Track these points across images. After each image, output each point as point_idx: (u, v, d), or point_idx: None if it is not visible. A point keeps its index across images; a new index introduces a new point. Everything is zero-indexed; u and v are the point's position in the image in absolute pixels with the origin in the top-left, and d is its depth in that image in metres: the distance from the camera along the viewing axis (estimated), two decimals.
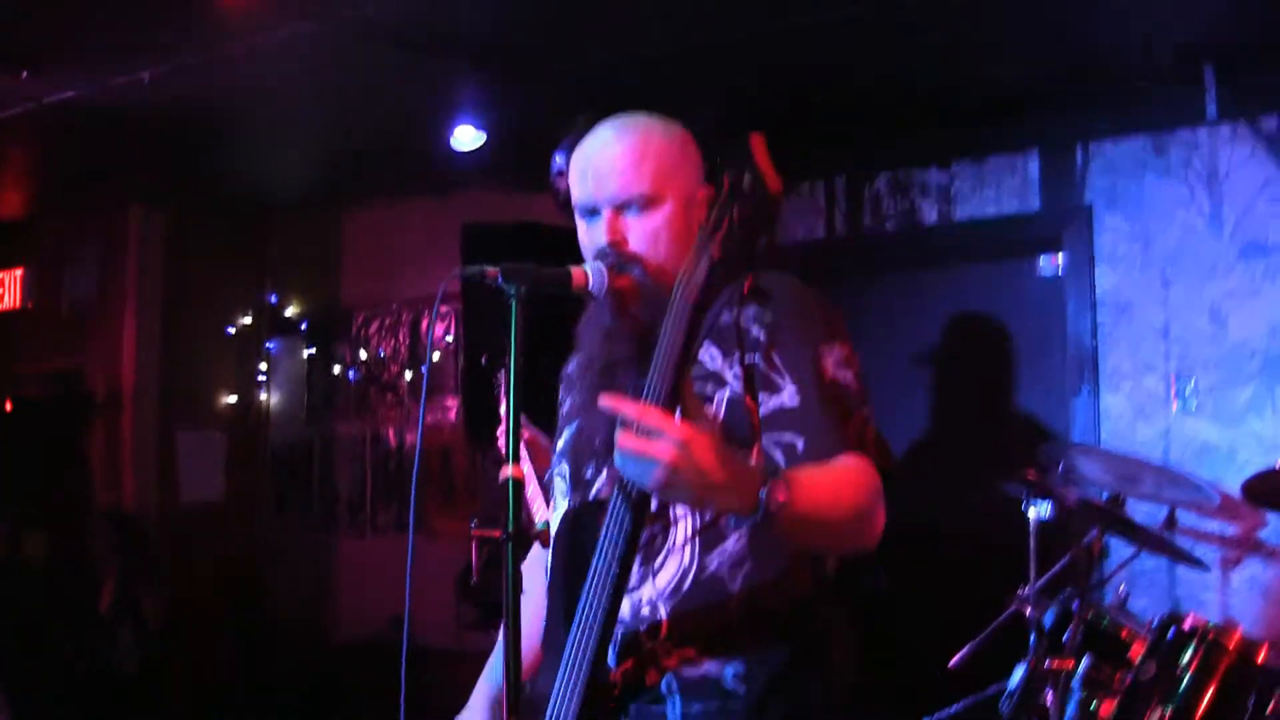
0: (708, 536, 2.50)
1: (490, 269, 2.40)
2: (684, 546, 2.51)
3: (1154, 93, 5.55)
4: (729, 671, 2.46)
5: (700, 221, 2.45)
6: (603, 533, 2.27)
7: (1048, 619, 4.33)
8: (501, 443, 5.21)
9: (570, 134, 5.51)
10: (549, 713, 2.41)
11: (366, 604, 7.63)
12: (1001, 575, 4.94)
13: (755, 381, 2.49)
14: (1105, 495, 4.36)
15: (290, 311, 8.56)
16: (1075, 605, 4.09)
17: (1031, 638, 4.40)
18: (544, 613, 2.65)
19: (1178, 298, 5.53)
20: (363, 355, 8.13)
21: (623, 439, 2.06)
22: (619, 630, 2.46)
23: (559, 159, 5.50)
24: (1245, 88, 5.38)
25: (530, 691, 2.67)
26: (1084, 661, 4.08)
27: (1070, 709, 4.05)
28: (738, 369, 2.51)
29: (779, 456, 2.41)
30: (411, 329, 7.92)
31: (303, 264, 8.55)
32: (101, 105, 5.97)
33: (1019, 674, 4.32)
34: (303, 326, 8.41)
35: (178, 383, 8.28)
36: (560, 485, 2.78)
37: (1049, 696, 3.94)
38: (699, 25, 5.09)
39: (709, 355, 2.54)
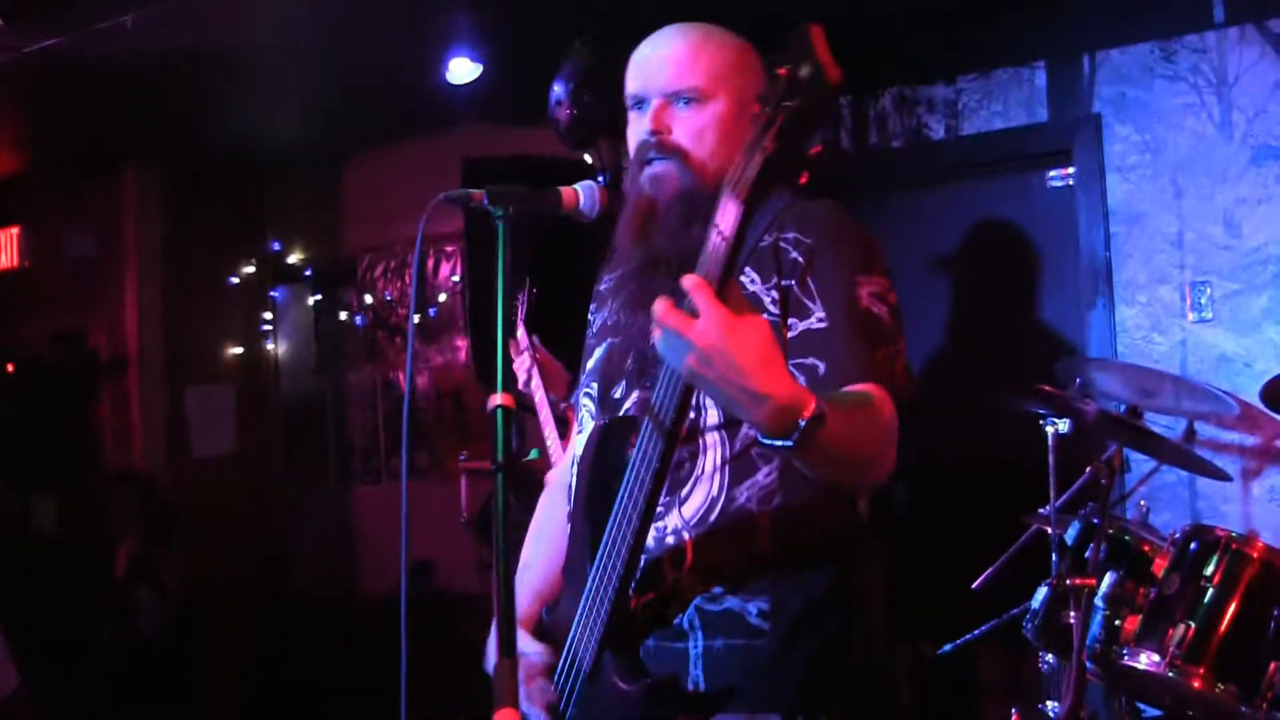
0: (738, 466, 2.44)
1: (476, 192, 2.34)
2: (713, 475, 2.45)
3: None
4: (753, 608, 2.41)
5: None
6: (635, 449, 2.18)
7: (1070, 537, 4.26)
8: (518, 370, 5.15)
9: (568, 62, 5.45)
10: (570, 640, 2.38)
11: (386, 552, 7.59)
12: (1023, 494, 4.89)
13: (790, 306, 2.42)
14: (1123, 408, 4.26)
15: (294, 259, 8.47)
16: (1096, 521, 3.99)
17: (1054, 556, 4.34)
18: (563, 539, 2.61)
19: (1190, 206, 5.42)
20: (369, 300, 8.05)
21: (664, 312, 1.93)
22: (643, 559, 2.39)
23: (557, 89, 5.42)
24: None
25: (548, 618, 2.65)
26: (1107, 578, 4.02)
27: (1094, 627, 3.99)
28: (775, 294, 2.44)
29: (801, 379, 2.31)
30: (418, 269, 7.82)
31: (304, 210, 8.46)
32: (87, 54, 5.86)
33: (1042, 594, 4.27)
34: (307, 274, 8.33)
35: (183, 337, 8.20)
36: (588, 405, 2.71)
37: (1072, 615, 3.86)
38: None
39: (749, 278, 2.46)
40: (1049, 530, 4.44)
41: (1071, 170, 5.76)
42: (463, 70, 6.01)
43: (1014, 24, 5.77)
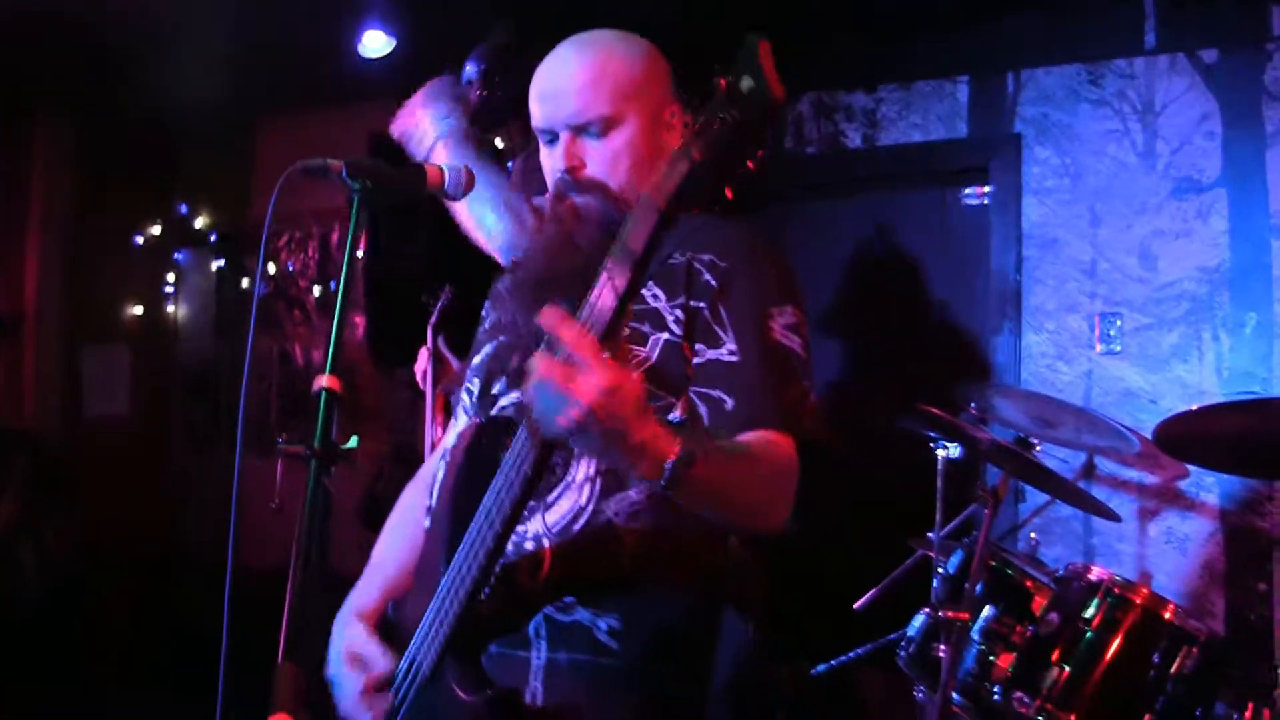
0: (610, 479, 2.33)
1: (334, 163, 2.27)
2: (583, 485, 2.34)
3: (1091, 18, 5.35)
4: (603, 624, 2.30)
5: (670, 140, 2.41)
6: (509, 451, 2.07)
7: (952, 565, 4.15)
8: (415, 367, 5.01)
9: (482, 43, 5.31)
10: (413, 643, 2.29)
11: (270, 526, 7.41)
12: (915, 517, 4.80)
13: (696, 329, 2.34)
14: (1013, 437, 4.15)
15: (200, 223, 8.27)
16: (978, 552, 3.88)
17: (935, 584, 4.24)
18: (420, 535, 2.52)
19: (1106, 235, 5.33)
20: (271, 270, 7.87)
21: (545, 365, 1.87)
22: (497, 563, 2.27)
23: (469, 68, 5.27)
24: (1186, 17, 5.22)
25: (394, 615, 2.53)
26: (986, 611, 3.90)
27: (969, 660, 3.88)
28: (679, 313, 2.35)
29: (703, 410, 2.28)
30: (321, 243, 7.65)
31: (214, 175, 8.27)
32: None
33: (919, 622, 4.16)
34: (212, 238, 8.13)
35: (83, 296, 7.97)
36: (465, 400, 2.63)
37: (942, 649, 3.75)
38: None
39: (652, 294, 2.38)
40: (934, 556, 4.34)
41: (988, 189, 5.66)
42: (376, 43, 5.87)
43: (940, 36, 5.67)
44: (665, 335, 2.33)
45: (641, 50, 2.51)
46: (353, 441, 2.05)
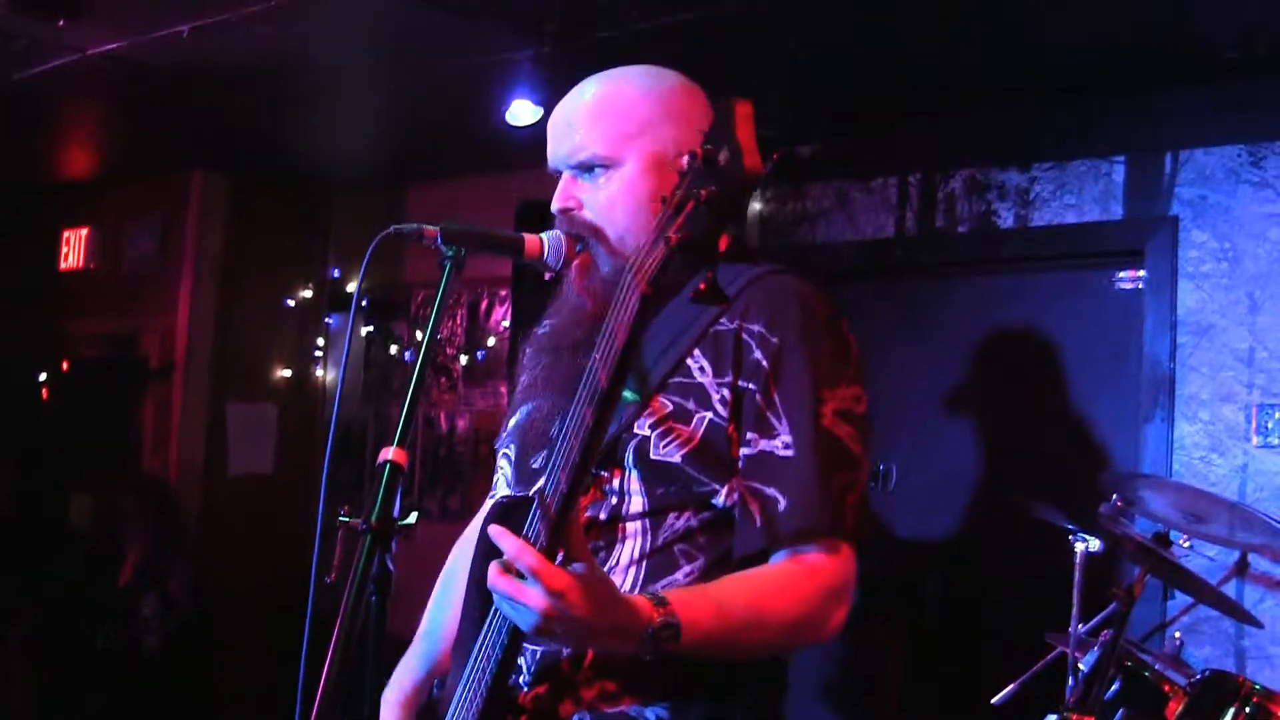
0: (657, 562, 2.22)
1: (429, 228, 2.22)
2: (627, 569, 2.22)
3: (1254, 97, 5.15)
4: (651, 714, 2.17)
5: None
6: (524, 530, 1.99)
7: (1087, 664, 3.97)
8: None
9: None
10: None
11: (413, 591, 7.40)
12: (1055, 610, 4.62)
13: (746, 413, 2.22)
14: (1155, 532, 3.97)
15: (351, 287, 8.34)
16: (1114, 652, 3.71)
17: (1069, 683, 4.06)
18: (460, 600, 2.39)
19: (1265, 322, 5.10)
20: (419, 336, 7.91)
21: (495, 576, 1.93)
22: (539, 650, 2.20)
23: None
24: None
25: (438, 693, 2.43)
26: (1118, 716, 3.72)
27: None
28: (726, 392, 2.23)
29: (756, 509, 2.17)
30: (470, 311, 7.69)
31: (365, 239, 8.33)
32: (147, 60, 5.79)
33: None
34: (363, 303, 8.20)
35: (231, 352, 8.12)
36: (504, 468, 2.51)
37: None
38: None
39: (699, 365, 2.26)
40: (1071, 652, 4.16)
41: (1142, 273, 5.45)
42: (524, 112, 5.84)
43: (1096, 114, 5.50)
44: (710, 415, 2.21)
45: (662, 87, 2.40)
46: (412, 518, 1.99)
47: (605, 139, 2.32)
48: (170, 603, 6.92)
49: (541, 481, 1.96)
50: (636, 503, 2.23)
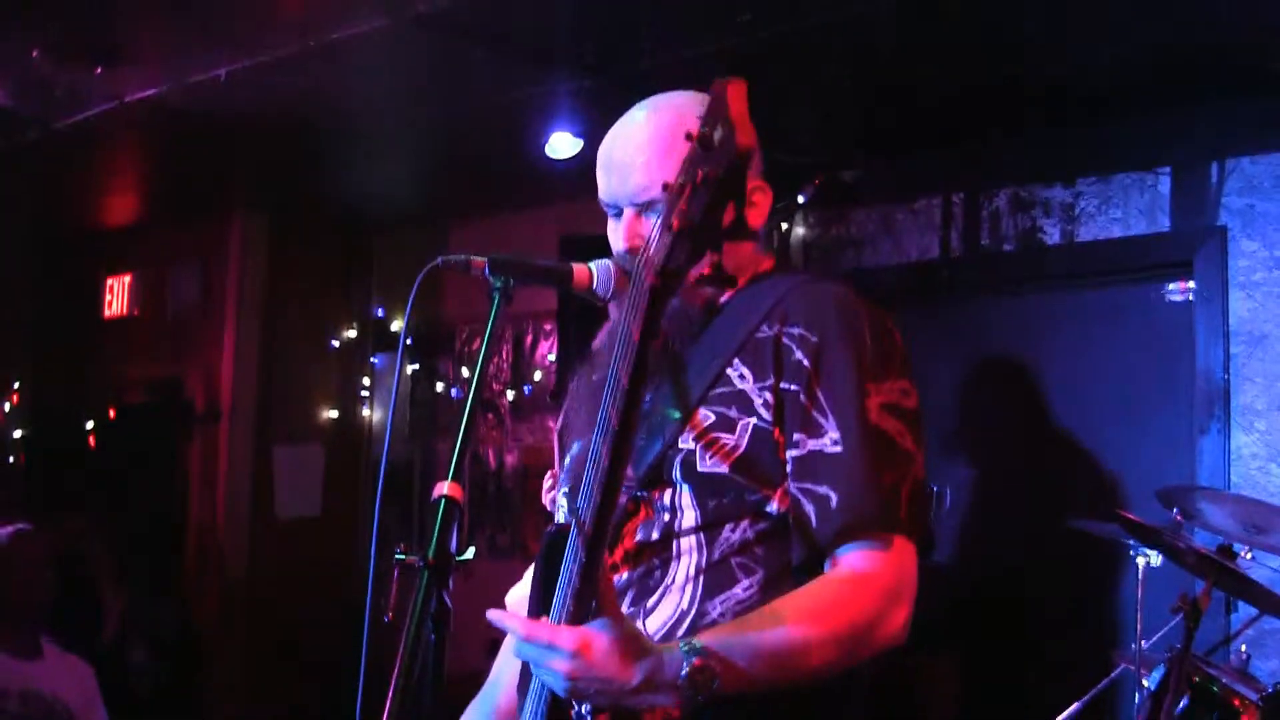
0: (714, 576, 2.18)
1: (477, 260, 2.20)
2: (684, 586, 2.19)
3: None
4: None
5: (752, 219, 2.27)
6: (562, 564, 1.97)
7: (1153, 681, 3.91)
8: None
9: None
10: None
11: (463, 629, 7.37)
12: (1115, 627, 4.57)
13: (790, 414, 2.19)
14: (1218, 544, 3.91)
15: (395, 326, 8.34)
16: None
17: (1136, 699, 4.01)
18: None
19: None
20: (465, 373, 7.89)
21: (520, 649, 1.96)
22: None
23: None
24: None
25: None
26: None
27: None
28: (769, 395, 2.20)
29: (810, 509, 2.13)
30: (515, 346, 7.66)
31: (408, 276, 8.34)
32: (185, 105, 5.82)
33: None
34: (407, 341, 8.20)
35: (277, 394, 8.12)
36: (563, 505, 2.48)
37: None
38: (797, 16, 4.74)
39: (739, 374, 2.22)
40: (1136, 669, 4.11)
41: (1191, 284, 5.39)
42: (563, 145, 5.85)
43: (1140, 126, 5.46)
44: (754, 420, 2.18)
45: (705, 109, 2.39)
46: (469, 553, 1.96)
47: (670, 174, 2.29)
48: (158, 651, 6.88)
49: (579, 507, 1.94)
50: (689, 517, 2.20)
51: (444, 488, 1.98)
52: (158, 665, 6.91)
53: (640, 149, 2.30)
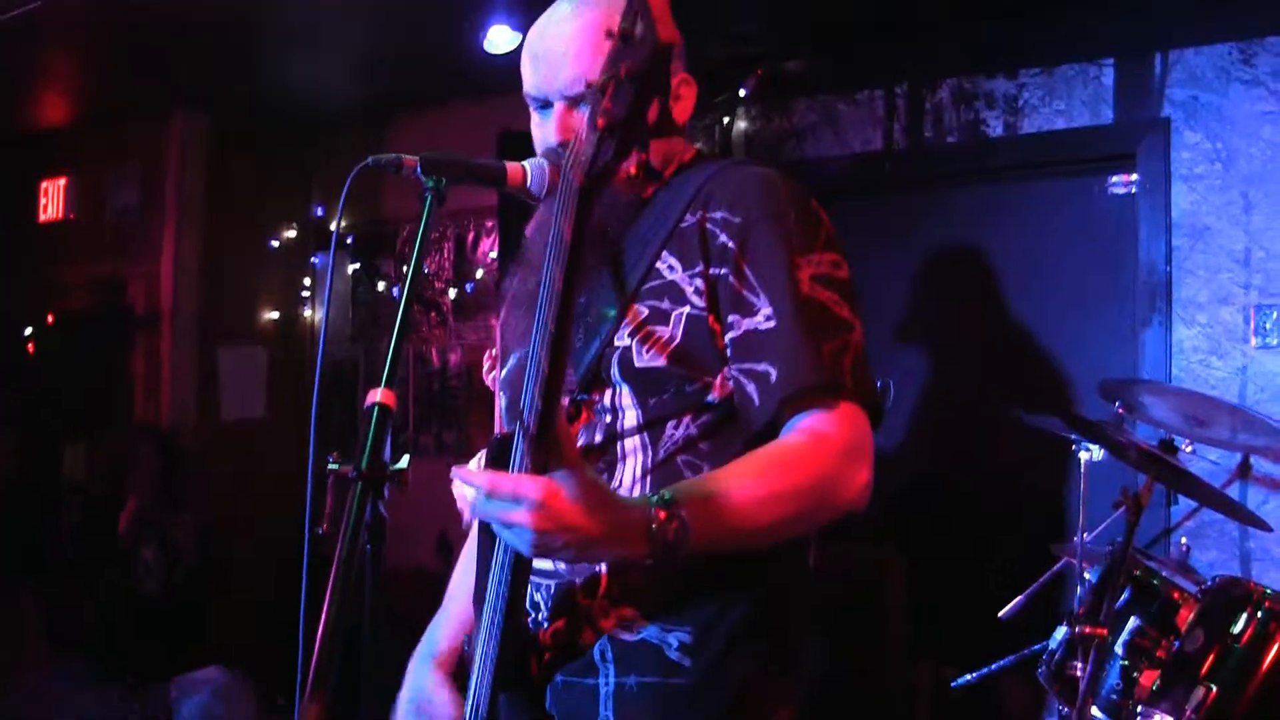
0: (661, 475, 2.16)
1: (408, 158, 2.15)
2: (631, 488, 2.17)
3: None
4: (673, 639, 2.13)
5: (677, 114, 2.29)
6: (509, 470, 1.92)
7: (1095, 575, 3.93)
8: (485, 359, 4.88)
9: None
10: (472, 678, 2.13)
11: (409, 528, 7.38)
12: (1058, 522, 4.58)
13: (722, 298, 2.16)
14: (1160, 438, 3.92)
15: (334, 225, 8.25)
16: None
17: (1078, 593, 4.03)
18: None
19: (1260, 222, 5.03)
20: (405, 271, 7.82)
21: (483, 507, 1.87)
22: (553, 584, 2.17)
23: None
24: None
25: (468, 650, 2.36)
26: (1130, 623, 3.69)
27: (1112, 675, 3.67)
28: (699, 282, 2.17)
29: (752, 389, 2.10)
30: (457, 244, 7.59)
31: (348, 175, 8.24)
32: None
33: (1060, 634, 3.96)
34: (348, 240, 8.11)
35: (220, 296, 8.01)
36: (500, 416, 2.48)
37: (1079, 667, 3.53)
38: None
39: (668, 265, 2.20)
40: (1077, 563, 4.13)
41: (1135, 177, 5.37)
42: (502, 39, 5.75)
43: (1083, 17, 5.40)
44: (687, 309, 2.16)
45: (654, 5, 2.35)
46: (404, 461, 1.92)
47: (596, 72, 2.24)
48: (172, 551, 6.88)
49: (523, 409, 1.90)
50: (631, 417, 2.19)
51: (376, 395, 1.91)
52: (165, 565, 6.90)
53: (571, 39, 2.27)
